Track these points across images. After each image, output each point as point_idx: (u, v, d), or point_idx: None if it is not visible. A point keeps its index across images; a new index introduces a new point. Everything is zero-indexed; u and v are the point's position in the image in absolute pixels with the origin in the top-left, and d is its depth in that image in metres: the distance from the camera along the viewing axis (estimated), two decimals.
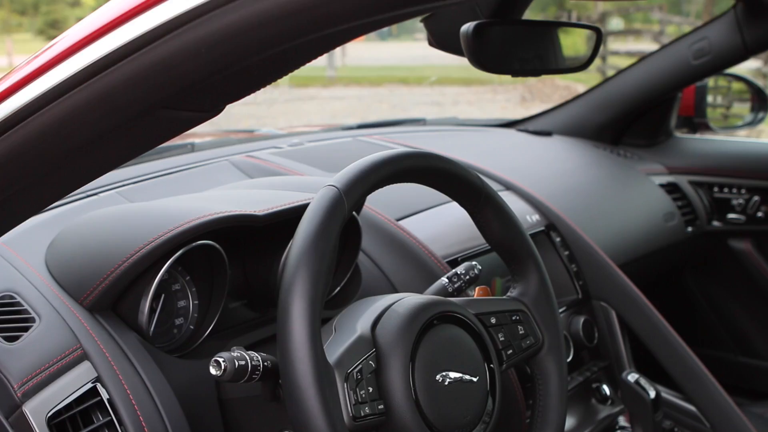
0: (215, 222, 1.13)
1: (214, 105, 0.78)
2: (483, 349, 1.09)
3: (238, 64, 0.69)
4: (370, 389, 0.96)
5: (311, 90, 13.85)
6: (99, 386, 1.02)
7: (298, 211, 1.21)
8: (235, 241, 1.28)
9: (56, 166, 0.79)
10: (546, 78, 14.32)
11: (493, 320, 1.15)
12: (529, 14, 1.23)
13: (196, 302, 1.26)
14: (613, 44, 14.97)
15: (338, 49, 16.08)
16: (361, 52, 21.27)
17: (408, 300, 1.06)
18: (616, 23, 18.05)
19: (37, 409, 0.97)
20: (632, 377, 1.47)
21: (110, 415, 1.01)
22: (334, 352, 0.97)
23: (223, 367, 0.93)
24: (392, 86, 14.47)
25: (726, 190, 2.30)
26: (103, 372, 1.03)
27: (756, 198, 2.26)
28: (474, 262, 1.30)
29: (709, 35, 2.10)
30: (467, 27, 1.05)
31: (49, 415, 0.97)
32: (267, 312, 1.35)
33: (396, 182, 1.07)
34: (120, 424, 1.02)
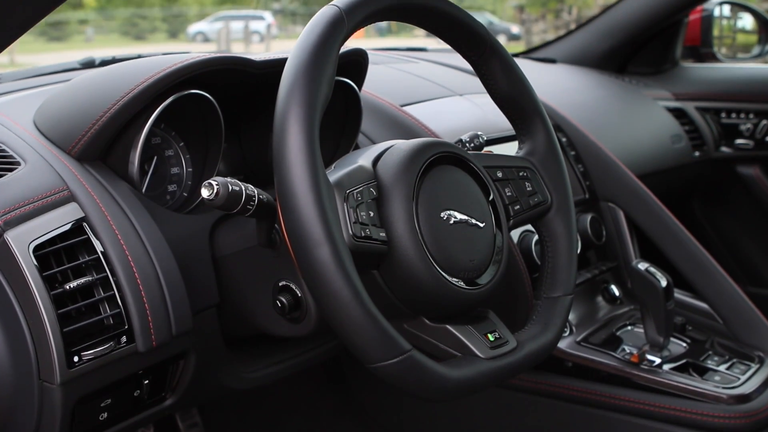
0: (208, 62, 1.09)
1: None
2: (488, 196, 1.05)
3: None
4: (371, 213, 0.92)
5: None
6: (86, 225, 0.98)
7: None
8: (232, 113, 1.23)
9: None
10: None
11: (499, 174, 1.11)
12: (528, 7, 1.20)
13: (190, 170, 1.22)
14: None
15: None
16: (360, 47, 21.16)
17: (412, 139, 1.02)
18: None
19: (19, 238, 0.92)
20: (642, 266, 1.42)
21: (96, 253, 0.97)
22: (332, 175, 0.92)
23: (215, 190, 0.88)
24: None
25: (734, 115, 2.25)
26: (90, 213, 0.99)
27: (765, 122, 2.21)
28: (479, 132, 1.26)
29: None
30: None
31: (32, 246, 0.93)
32: (265, 189, 1.30)
33: (399, 19, 1.03)
34: (112, 274, 0.97)
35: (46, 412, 0.94)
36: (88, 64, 1.62)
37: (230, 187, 0.89)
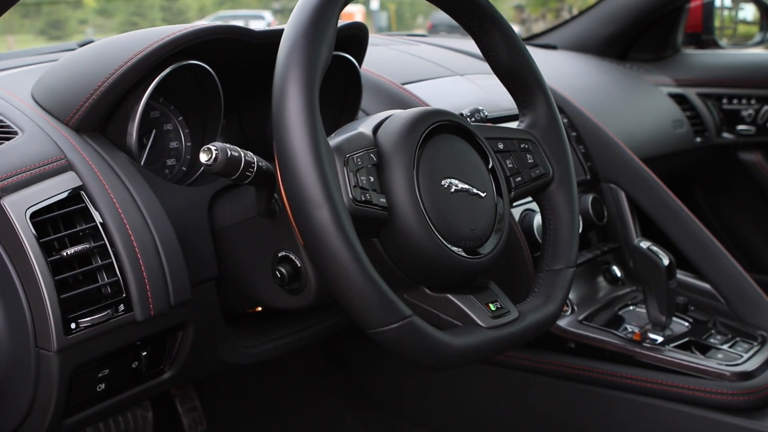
0: (206, 31, 1.08)
1: None
2: (488, 164, 1.04)
3: None
4: (371, 178, 0.91)
5: None
6: (83, 194, 0.97)
7: None
8: (232, 89, 1.23)
9: None
10: None
11: (500, 145, 1.10)
12: (528, 7, 1.20)
13: (189, 144, 1.21)
14: None
15: None
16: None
17: (412, 108, 1.01)
18: None
19: (16, 204, 0.91)
20: (644, 244, 1.41)
21: (94, 222, 0.96)
22: (332, 141, 0.91)
23: (214, 155, 0.87)
24: None
25: (735, 101, 2.24)
26: (88, 182, 0.98)
27: (766, 108, 2.20)
28: (480, 107, 1.25)
29: None
30: None
31: (29, 212, 0.92)
32: None
33: None
34: (110, 242, 0.96)
35: (43, 380, 0.93)
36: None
37: (229, 153, 0.88)
